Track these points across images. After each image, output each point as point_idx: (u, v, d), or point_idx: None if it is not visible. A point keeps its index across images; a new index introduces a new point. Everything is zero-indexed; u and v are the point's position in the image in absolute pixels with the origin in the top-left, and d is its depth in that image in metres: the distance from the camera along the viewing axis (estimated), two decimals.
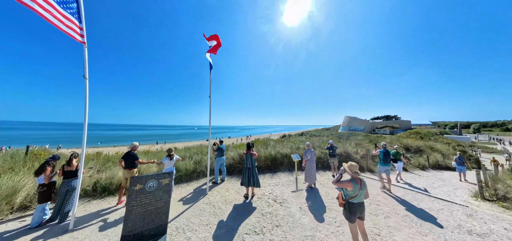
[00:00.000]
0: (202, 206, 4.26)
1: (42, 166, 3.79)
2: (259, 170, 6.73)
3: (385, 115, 67.90)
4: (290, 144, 10.52)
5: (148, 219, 2.98)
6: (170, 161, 4.74)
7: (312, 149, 5.69)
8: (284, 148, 8.66)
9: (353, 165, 2.82)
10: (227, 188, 5.31)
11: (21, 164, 5.67)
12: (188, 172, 6.06)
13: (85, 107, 3.68)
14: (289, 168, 7.04)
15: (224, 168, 5.90)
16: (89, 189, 4.83)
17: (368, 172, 7.53)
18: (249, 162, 4.52)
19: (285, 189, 5.27)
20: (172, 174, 3.57)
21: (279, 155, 7.47)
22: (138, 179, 3.02)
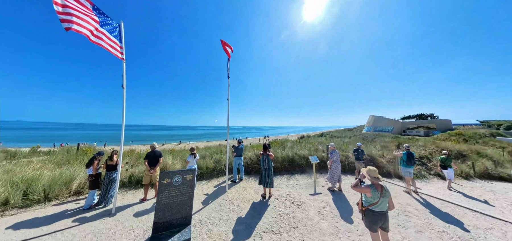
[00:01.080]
0: (222, 202, 4.50)
1: (91, 160, 4.52)
2: (276, 171, 6.77)
3: (418, 114, 60.23)
4: (308, 145, 10.26)
5: (175, 210, 3.34)
6: (194, 159, 5.11)
7: (337, 150, 5.53)
8: (302, 149, 8.50)
9: (372, 170, 2.67)
10: (245, 187, 5.49)
11: (75, 158, 6.76)
12: (209, 170, 6.43)
13: (123, 112, 4.29)
14: (307, 170, 6.90)
15: (242, 167, 6.10)
16: (125, 181, 5.54)
17: (397, 179, 6.81)
18: (266, 163, 4.60)
19: (303, 191, 5.20)
20: (194, 171, 3.96)
21: (296, 156, 7.39)
22: (166, 174, 3.41)
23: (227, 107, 5.58)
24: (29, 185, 4.62)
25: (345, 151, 8.28)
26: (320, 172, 6.79)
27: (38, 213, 4.11)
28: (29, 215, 4.02)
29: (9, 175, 4.90)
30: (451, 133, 24.92)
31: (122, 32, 4.26)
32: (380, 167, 7.03)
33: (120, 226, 3.55)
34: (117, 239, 3.18)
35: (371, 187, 2.55)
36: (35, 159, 6.58)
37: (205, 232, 3.35)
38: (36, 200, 4.48)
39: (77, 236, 3.25)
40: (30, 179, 4.79)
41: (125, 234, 3.32)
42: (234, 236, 3.24)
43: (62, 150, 8.09)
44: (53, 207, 4.36)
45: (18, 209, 4.25)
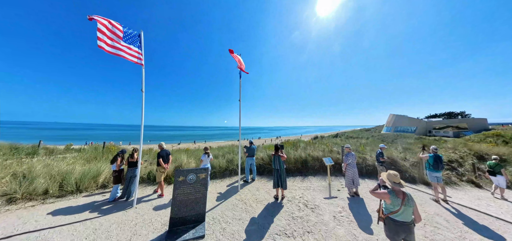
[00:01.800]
0: (235, 202, 4.56)
1: (115, 157, 4.91)
2: (288, 172, 6.66)
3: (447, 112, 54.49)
4: (322, 146, 9.92)
5: (189, 206, 3.48)
6: (207, 158, 5.25)
7: (353, 152, 5.24)
8: (316, 150, 8.25)
9: (392, 174, 2.46)
10: (258, 187, 5.49)
11: (101, 155, 7.39)
12: (221, 169, 6.56)
13: (142, 114, 4.65)
14: (321, 173, 6.68)
15: (254, 167, 6.13)
16: (145, 177, 5.93)
17: (423, 185, 6.12)
18: (278, 164, 4.56)
19: (317, 194, 5.03)
20: (208, 170, 4.14)
21: (310, 157, 7.20)
22: (181, 172, 3.57)
23: (239, 107, 5.63)
24: (64, 178, 5.19)
25: (362, 153, 7.84)
26: (335, 175, 6.51)
27: (71, 202, 4.61)
28: (64, 204, 4.53)
29: (48, 169, 5.53)
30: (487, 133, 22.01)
31: (142, 40, 4.63)
32: (403, 171, 6.51)
33: (140, 219, 3.80)
34: (138, 230, 3.41)
35: (390, 193, 2.35)
36: (69, 155, 7.34)
37: (218, 230, 3.41)
38: (70, 191, 5.03)
39: (104, 225, 3.57)
40: (64, 173, 5.38)
41: (145, 226, 3.54)
42: (247, 236, 3.25)
43: (91, 148, 8.91)
44: (83, 198, 4.86)
45: (55, 198, 4.81)
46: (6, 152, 7.54)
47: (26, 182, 4.83)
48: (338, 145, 10.09)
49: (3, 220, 3.75)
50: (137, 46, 4.55)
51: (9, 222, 3.65)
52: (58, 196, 4.89)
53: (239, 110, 5.64)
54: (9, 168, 5.34)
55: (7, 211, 4.13)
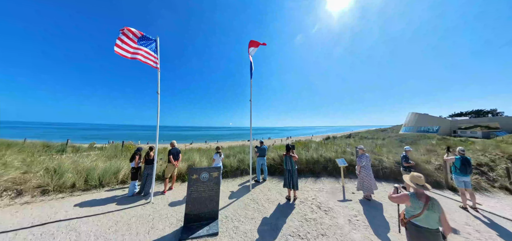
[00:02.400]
0: (247, 201, 4.59)
1: (133, 155, 5.20)
2: (300, 173, 6.56)
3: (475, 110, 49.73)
4: (335, 147, 9.63)
5: (203, 204, 3.58)
6: (219, 157, 5.36)
7: (367, 154, 5.01)
8: (328, 151, 8.04)
9: (415, 176, 2.30)
10: (269, 187, 5.48)
11: (120, 153, 7.86)
12: (233, 169, 6.64)
13: (157, 114, 4.92)
14: (333, 174, 6.49)
15: (265, 168, 6.12)
16: (160, 174, 6.19)
17: (450, 191, 5.56)
18: (289, 164, 4.52)
19: (330, 196, 4.89)
20: (220, 169, 4.21)
21: (322, 158, 7.03)
22: (195, 170, 3.68)
23: (250, 108, 5.66)
24: (88, 173, 5.62)
25: (378, 155, 7.47)
26: (349, 177, 6.27)
27: (95, 196, 4.97)
28: (89, 196, 4.90)
29: (75, 165, 6.02)
30: None
31: (158, 45, 4.90)
32: (426, 175, 6.07)
33: (157, 214, 3.99)
34: (155, 224, 3.59)
35: (411, 196, 2.20)
36: (92, 153, 7.91)
37: (231, 228, 3.46)
38: (93, 185, 5.45)
39: (124, 218, 3.80)
40: (89, 169, 5.81)
41: (162, 221, 3.72)
42: (259, 235, 3.26)
43: (111, 147, 9.52)
44: (105, 192, 5.22)
45: (81, 191, 5.23)
46: (39, 149, 8.32)
47: (56, 176, 5.31)
48: (352, 145, 9.74)
49: (39, 209, 4.17)
50: (154, 51, 4.79)
51: (43, 211, 4.06)
52: (84, 189, 5.32)
53: (250, 110, 5.67)
54: (42, 163, 5.89)
55: (42, 201, 4.58)
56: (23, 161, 6.07)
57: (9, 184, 4.90)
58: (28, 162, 5.96)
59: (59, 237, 3.15)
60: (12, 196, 4.71)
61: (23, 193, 4.82)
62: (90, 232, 3.29)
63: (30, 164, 5.78)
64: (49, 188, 5.01)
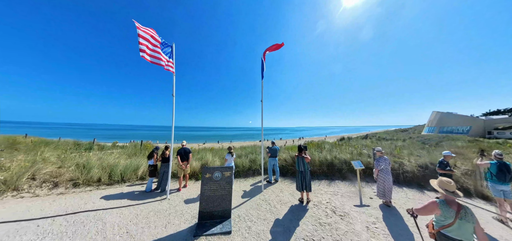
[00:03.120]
0: (259, 201, 4.59)
1: (151, 153, 5.51)
2: (313, 175, 6.38)
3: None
4: (350, 148, 9.22)
5: (216, 202, 3.65)
6: (231, 157, 5.44)
7: (386, 156, 4.69)
8: (343, 152, 7.72)
9: (444, 181, 2.08)
10: (281, 188, 5.42)
11: (139, 151, 8.37)
12: (244, 169, 6.69)
13: (173, 116, 5.11)
14: (349, 177, 6.19)
15: (277, 168, 6.07)
16: (175, 172, 6.45)
17: (481, 199, 4.93)
18: (301, 166, 4.42)
19: (346, 201, 4.66)
20: (232, 169, 4.28)
21: (336, 160, 6.78)
22: (208, 169, 3.78)
23: (261, 108, 5.64)
24: (112, 170, 6.09)
25: (398, 157, 7.00)
26: (366, 181, 5.95)
27: (117, 190, 5.36)
28: (112, 190, 5.31)
29: (100, 161, 6.55)
30: None
31: (174, 51, 5.21)
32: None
33: (173, 209, 4.18)
34: (171, 219, 3.75)
35: (440, 203, 1.99)
36: (115, 151, 8.52)
37: (244, 228, 3.48)
38: (116, 181, 5.89)
39: (144, 211, 4.06)
40: (112, 165, 6.29)
41: (177, 216, 3.89)
42: (272, 237, 3.23)
43: (132, 145, 10.19)
44: (126, 187, 5.61)
45: (106, 185, 5.68)
46: (71, 147, 9.17)
47: (85, 171, 5.85)
48: (368, 147, 9.22)
49: (72, 199, 4.66)
50: (169, 56, 5.07)
51: (75, 201, 4.53)
52: (108, 184, 5.78)
53: (261, 111, 5.65)
54: (73, 160, 6.52)
55: (73, 193, 5.10)
56: (58, 157, 6.78)
57: (47, 177, 5.54)
58: (62, 158, 6.64)
59: (88, 225, 3.48)
60: (49, 187, 5.32)
61: (58, 185, 5.41)
62: (114, 223, 3.58)
63: (63, 160, 6.44)
64: (79, 182, 5.56)
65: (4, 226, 3.36)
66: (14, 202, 4.42)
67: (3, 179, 5.01)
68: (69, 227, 3.43)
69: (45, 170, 5.72)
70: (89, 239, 3.10)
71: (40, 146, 8.31)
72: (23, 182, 5.17)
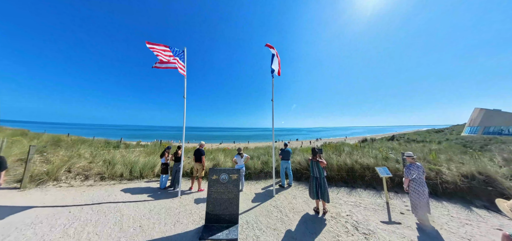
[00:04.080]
0: (270, 208, 4.24)
1: (163, 152, 5.62)
2: (330, 181, 5.73)
3: None
4: (374, 151, 8.22)
5: (223, 205, 3.46)
6: (241, 159, 5.22)
7: (419, 163, 3.82)
8: (365, 156, 6.86)
9: None
10: (294, 194, 4.97)
11: (157, 150, 8.76)
12: (256, 171, 6.40)
13: (184, 116, 5.32)
14: (372, 185, 5.39)
15: (290, 172, 5.63)
16: (188, 171, 6.55)
17: None
18: (316, 171, 3.92)
19: (371, 215, 3.94)
20: (240, 171, 4.19)
21: (357, 165, 5.97)
22: (214, 171, 3.61)
23: (272, 108, 5.29)
24: (132, 166, 6.44)
25: (434, 164, 5.91)
26: (395, 191, 5.06)
27: (136, 185, 5.68)
28: (132, 185, 5.66)
29: (123, 158, 6.98)
30: None
31: (185, 55, 5.35)
32: (508, 196, 4.40)
33: (183, 208, 4.16)
34: (180, 218, 3.75)
35: None
36: (137, 149, 9.07)
37: (251, 237, 3.18)
38: (136, 176, 6.23)
39: (156, 207, 4.20)
40: (133, 162, 6.65)
41: (187, 216, 3.85)
42: None
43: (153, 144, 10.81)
44: (144, 183, 5.90)
45: (127, 180, 6.05)
46: (102, 145, 10.05)
47: (110, 166, 6.32)
48: (396, 150, 8.07)
49: (98, 191, 5.16)
50: (182, 59, 5.23)
51: (100, 193, 4.97)
52: (129, 179, 6.15)
53: (272, 110, 5.31)
54: (102, 156, 7.08)
55: (100, 185, 5.55)
56: (91, 153, 7.43)
57: (80, 170, 6.14)
58: (94, 154, 7.26)
59: (109, 215, 3.77)
60: (82, 179, 5.88)
61: (88, 178, 5.96)
62: (130, 215, 3.79)
63: (94, 156, 7.05)
64: (105, 176, 6.05)
65: (45, 210, 3.91)
66: (54, 190, 5.06)
67: (46, 171, 5.69)
68: (94, 215, 3.76)
69: (78, 164, 6.37)
70: (108, 228, 3.31)
71: (77, 143, 9.27)
72: (61, 174, 5.81)
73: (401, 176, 5.21)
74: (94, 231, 3.18)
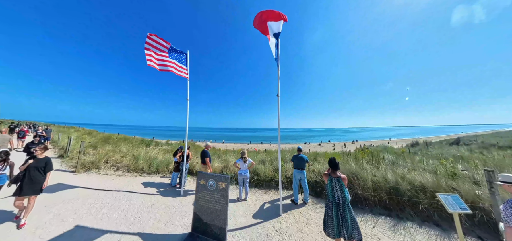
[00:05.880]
0: (270, 231, 3.22)
1: (176, 151, 5.50)
2: (361, 205, 3.98)
3: None
4: (431, 161, 5.85)
5: (209, 216, 2.95)
6: (244, 163, 4.40)
7: None
8: (417, 169, 4.80)
9: None
10: (308, 217, 3.68)
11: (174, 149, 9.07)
12: (267, 178, 5.39)
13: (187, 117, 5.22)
14: (433, 219, 3.40)
15: (305, 184, 4.35)
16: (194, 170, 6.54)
17: None
18: (337, 192, 2.57)
19: None
20: (244, 178, 3.98)
21: (406, 183, 4.03)
22: (203, 175, 3.11)
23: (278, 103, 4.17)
24: (151, 162, 6.78)
25: None
26: (475, 233, 3.05)
27: (152, 179, 6.00)
28: (149, 179, 6.01)
29: (147, 154, 7.51)
30: None
31: (188, 58, 5.20)
32: None
33: (180, 209, 4.00)
34: (173, 218, 3.60)
35: None
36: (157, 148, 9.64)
37: None
38: (153, 171, 6.54)
39: (159, 202, 4.31)
40: (152, 158, 7.02)
41: (180, 217, 3.66)
42: None
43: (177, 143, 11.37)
44: (159, 178, 6.15)
45: (146, 174, 6.41)
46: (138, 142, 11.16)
47: (135, 161, 6.86)
48: (471, 165, 5.30)
49: (122, 180, 5.78)
50: (184, 63, 5.04)
51: (123, 183, 5.55)
52: (148, 173, 6.51)
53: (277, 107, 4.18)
54: (131, 152, 7.78)
55: (126, 176, 6.13)
56: (128, 150, 8.32)
57: (114, 162, 6.94)
58: (128, 150, 8.16)
59: (121, 202, 4.19)
60: (114, 169, 6.66)
61: (119, 169, 6.68)
62: (136, 205, 4.05)
63: (129, 151, 7.93)
64: (130, 168, 6.62)
65: (84, 190, 4.80)
66: (94, 176, 6.03)
67: (91, 161, 6.67)
68: (111, 200, 4.27)
69: (113, 157, 7.23)
70: (117, 214, 3.67)
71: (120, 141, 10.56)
72: (101, 164, 6.75)
73: (485, 210, 3.16)
74: (107, 213, 3.65)
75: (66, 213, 3.59)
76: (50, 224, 3.21)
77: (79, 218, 3.44)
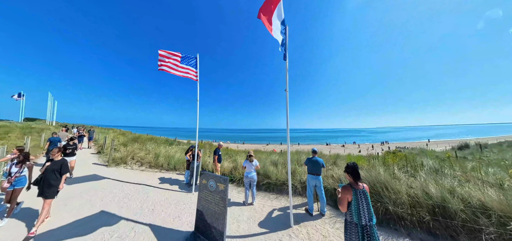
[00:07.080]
0: None
1: (188, 150, 5.59)
2: (396, 224, 3.14)
3: None
4: (493, 171, 4.48)
5: (209, 218, 2.80)
6: (251, 165, 4.07)
7: None
8: (472, 180, 3.67)
9: None
10: (325, 234, 3.05)
11: None
12: (279, 182, 4.91)
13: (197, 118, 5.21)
14: None
15: (322, 192, 3.71)
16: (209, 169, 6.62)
17: None
18: (363, 209, 1.96)
19: None
20: (251, 180, 3.83)
21: (457, 201, 3.04)
22: (205, 174, 2.98)
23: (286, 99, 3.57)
24: (170, 160, 7.11)
25: None
26: None
27: (169, 175, 6.25)
28: (166, 175, 6.29)
29: (166, 152, 7.94)
30: None
31: (198, 61, 5.23)
32: None
33: (189, 206, 4.01)
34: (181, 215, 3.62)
35: None
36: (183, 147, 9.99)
37: None
38: (170, 168, 6.84)
39: (171, 197, 4.44)
40: (170, 156, 7.35)
41: (188, 214, 3.66)
42: None
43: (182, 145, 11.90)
44: (175, 174, 6.38)
45: (165, 170, 6.74)
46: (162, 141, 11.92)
47: (156, 158, 7.30)
48: None
49: (144, 175, 6.19)
50: (194, 66, 5.11)
51: (144, 177, 5.94)
52: (166, 169, 6.83)
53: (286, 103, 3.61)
54: (154, 150, 8.29)
55: (148, 171, 6.61)
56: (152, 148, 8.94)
57: (139, 158, 7.54)
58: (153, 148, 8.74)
59: (140, 194, 4.52)
60: (139, 165, 7.22)
61: (142, 164, 7.23)
62: (152, 199, 4.28)
63: (153, 149, 8.49)
64: (152, 164, 7.09)
65: (112, 182, 5.34)
66: (122, 170, 6.70)
67: (120, 157, 7.39)
68: (132, 192, 4.65)
69: (138, 154, 7.89)
70: (135, 204, 3.96)
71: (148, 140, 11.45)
72: (128, 160, 7.42)
73: None
74: (127, 204, 3.96)
75: (95, 199, 4.11)
76: (82, 207, 3.73)
77: (105, 205, 3.88)
